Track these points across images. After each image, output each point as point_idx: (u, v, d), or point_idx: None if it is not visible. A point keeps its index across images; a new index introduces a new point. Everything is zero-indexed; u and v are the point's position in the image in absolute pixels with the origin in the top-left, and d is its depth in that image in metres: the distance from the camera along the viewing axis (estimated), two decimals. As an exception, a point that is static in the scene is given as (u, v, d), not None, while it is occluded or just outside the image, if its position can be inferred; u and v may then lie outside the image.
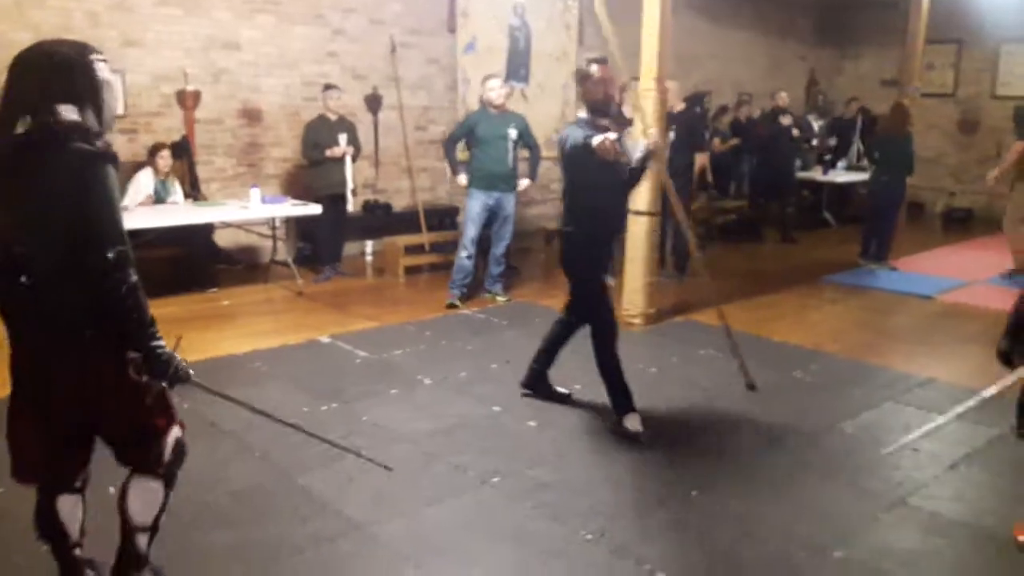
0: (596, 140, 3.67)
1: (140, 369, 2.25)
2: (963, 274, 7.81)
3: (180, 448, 2.47)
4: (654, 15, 5.56)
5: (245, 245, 7.40)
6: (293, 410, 4.16)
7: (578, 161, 3.84)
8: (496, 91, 6.23)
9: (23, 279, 2.13)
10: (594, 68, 3.92)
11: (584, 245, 4.01)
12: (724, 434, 4.09)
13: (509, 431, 4.02)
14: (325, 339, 5.39)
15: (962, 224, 11.02)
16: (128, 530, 2.44)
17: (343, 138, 6.95)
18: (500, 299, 6.49)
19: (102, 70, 2.22)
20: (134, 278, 2.14)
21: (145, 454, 2.40)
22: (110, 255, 2.09)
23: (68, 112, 2.13)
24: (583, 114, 3.97)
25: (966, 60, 11.60)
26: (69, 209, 2.08)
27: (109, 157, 2.15)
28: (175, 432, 2.46)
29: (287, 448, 3.74)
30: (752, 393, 4.61)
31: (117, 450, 2.41)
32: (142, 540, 2.46)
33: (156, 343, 2.23)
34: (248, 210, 6.43)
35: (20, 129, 2.11)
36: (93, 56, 2.21)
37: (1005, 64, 11.25)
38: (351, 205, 7.15)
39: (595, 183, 3.88)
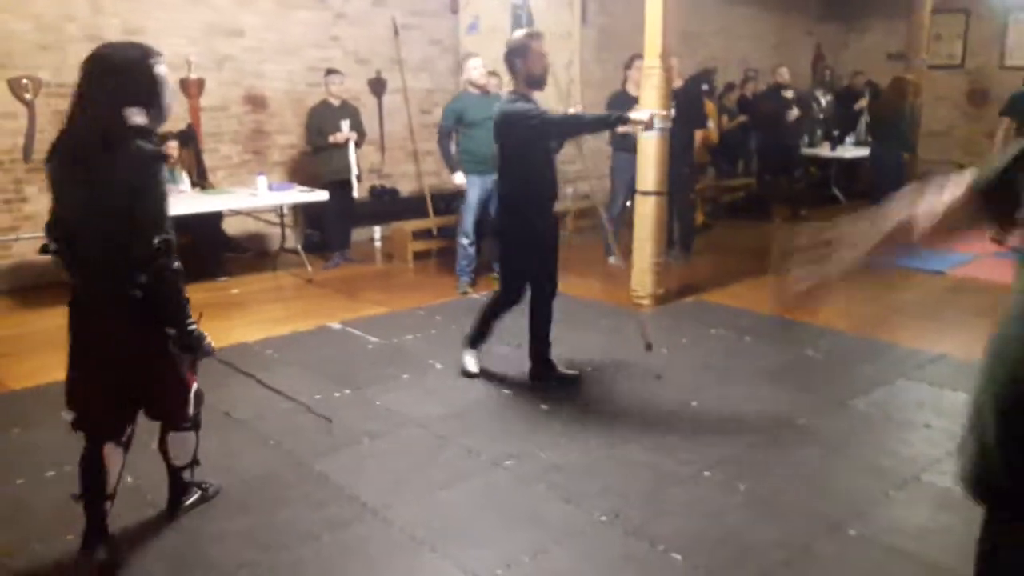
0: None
1: (175, 344, 2.61)
2: (973, 248, 7.76)
3: (200, 397, 2.93)
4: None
5: (253, 233, 7.41)
6: (306, 397, 4.19)
7: (510, 131, 4.08)
8: (478, 70, 6.16)
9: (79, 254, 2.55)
10: (533, 43, 4.11)
11: (516, 210, 4.21)
12: (736, 414, 4.09)
13: (520, 414, 4.03)
14: (336, 325, 5.41)
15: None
16: (174, 469, 3.02)
17: (346, 124, 6.92)
18: None
19: (161, 71, 2.57)
20: (176, 264, 2.50)
21: (177, 414, 2.86)
22: (156, 242, 2.43)
23: (134, 115, 2.48)
24: (511, 88, 4.25)
25: (974, 30, 11.46)
26: (125, 200, 2.43)
27: (162, 156, 2.59)
28: (194, 386, 2.89)
29: (301, 435, 3.78)
30: (763, 372, 4.61)
31: (153, 409, 2.83)
32: (187, 473, 3.05)
33: (189, 322, 2.60)
34: (256, 198, 6.44)
35: (90, 126, 2.45)
36: (154, 59, 2.55)
37: (1014, 34, 11.11)
38: (356, 191, 7.14)
39: (526, 152, 4.11)
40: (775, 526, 3.06)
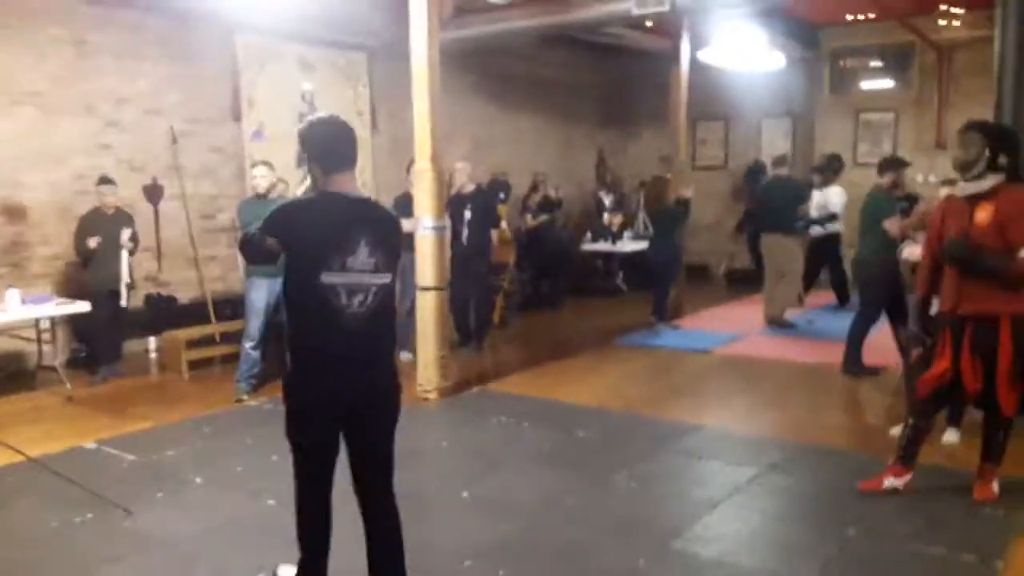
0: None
1: None
2: (738, 327, 8.45)
3: None
4: (424, 100, 5.76)
5: (9, 351, 6.78)
6: (43, 527, 3.80)
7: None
8: (258, 179, 6.17)
9: None
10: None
11: None
12: (505, 500, 4.11)
13: (281, 525, 3.81)
14: (90, 445, 4.98)
15: (743, 282, 11.90)
16: None
17: (126, 233, 6.62)
18: None
19: None
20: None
21: None
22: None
23: None
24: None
25: (733, 134, 12.81)
26: None
27: None
28: None
29: (33, 569, 3.39)
30: (535, 455, 4.69)
31: None
32: None
33: None
34: (4, 313, 5.92)
35: None
36: None
37: (767, 135, 12.51)
38: (125, 300, 6.74)
39: None
40: (526, 609, 3.05)
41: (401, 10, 6.09)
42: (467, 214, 7.38)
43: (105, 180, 6.77)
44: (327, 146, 2.75)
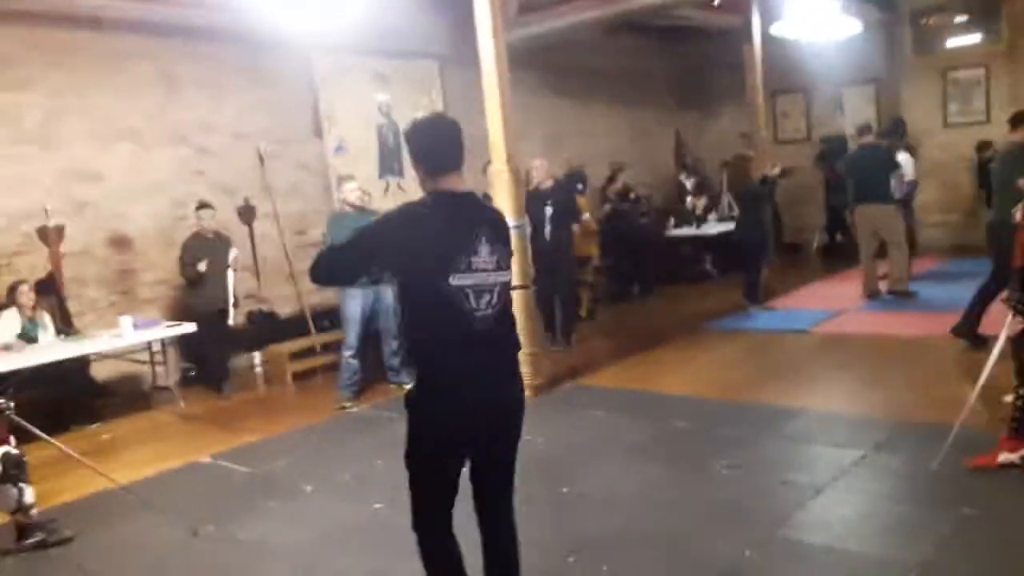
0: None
1: None
2: (835, 304, 8.20)
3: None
4: (495, 102, 5.82)
5: (126, 374, 7.19)
6: (165, 539, 4.04)
7: None
8: (354, 192, 6.38)
9: None
10: None
11: None
12: (604, 496, 4.13)
13: (389, 528, 3.96)
14: (206, 459, 5.25)
15: (838, 257, 11.53)
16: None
17: (233, 253, 7.00)
18: (408, 387, 6.43)
19: None
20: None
21: None
22: None
23: None
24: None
25: (814, 105, 12.42)
26: None
27: None
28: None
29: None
30: (633, 448, 4.69)
31: None
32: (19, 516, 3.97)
33: None
34: (120, 338, 6.29)
35: None
36: None
37: (850, 104, 12.08)
38: (232, 319, 7.08)
39: None
40: (633, 603, 3.07)
41: (467, 16, 6.17)
42: (547, 210, 7.41)
43: (204, 205, 7.11)
44: (432, 146, 2.58)
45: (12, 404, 4.00)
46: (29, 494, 3.95)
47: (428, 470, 2.56)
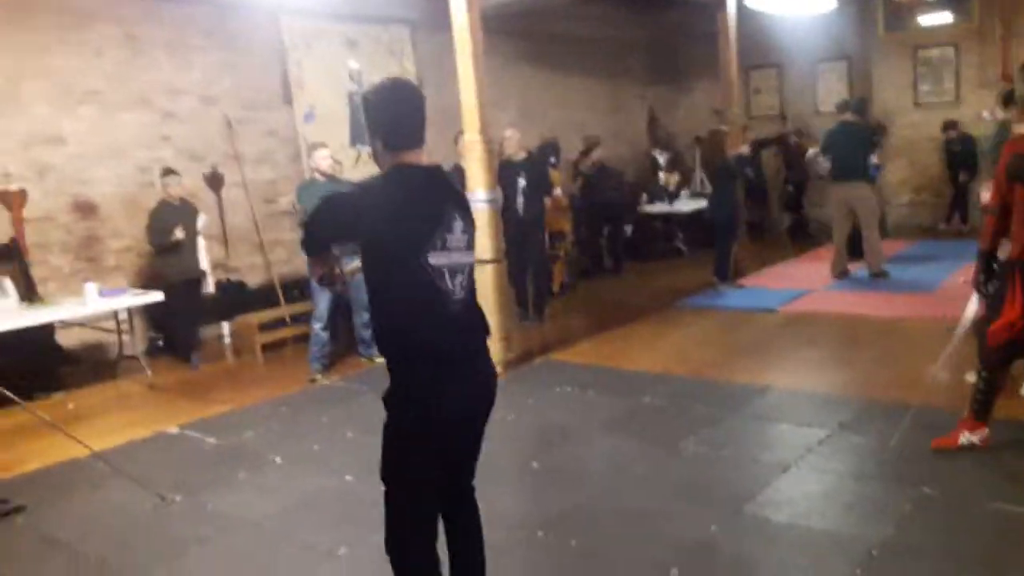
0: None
1: None
2: (804, 284, 8.29)
3: None
4: (468, 70, 5.75)
5: (92, 343, 7.07)
6: (136, 508, 4.01)
7: None
8: (326, 160, 6.30)
9: None
10: None
11: None
12: (574, 470, 4.16)
13: (359, 499, 3.96)
14: (173, 430, 5.21)
15: (809, 236, 11.64)
16: None
17: (202, 219, 6.91)
18: (379, 360, 6.41)
19: None
20: None
21: None
22: None
23: None
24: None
25: (788, 82, 12.45)
26: None
27: None
28: None
29: (127, 551, 3.61)
30: (603, 424, 4.73)
31: None
32: None
33: None
34: (85, 306, 6.17)
35: None
36: None
37: (822, 82, 12.13)
38: (210, 287, 7.00)
39: None
40: (602, 578, 3.11)
41: (440, -20, 6.07)
42: (520, 182, 7.35)
43: (169, 171, 6.97)
44: (396, 118, 2.35)
45: None
46: None
47: (418, 473, 2.36)
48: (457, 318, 2.35)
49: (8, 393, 4.04)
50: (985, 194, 5.04)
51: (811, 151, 9.38)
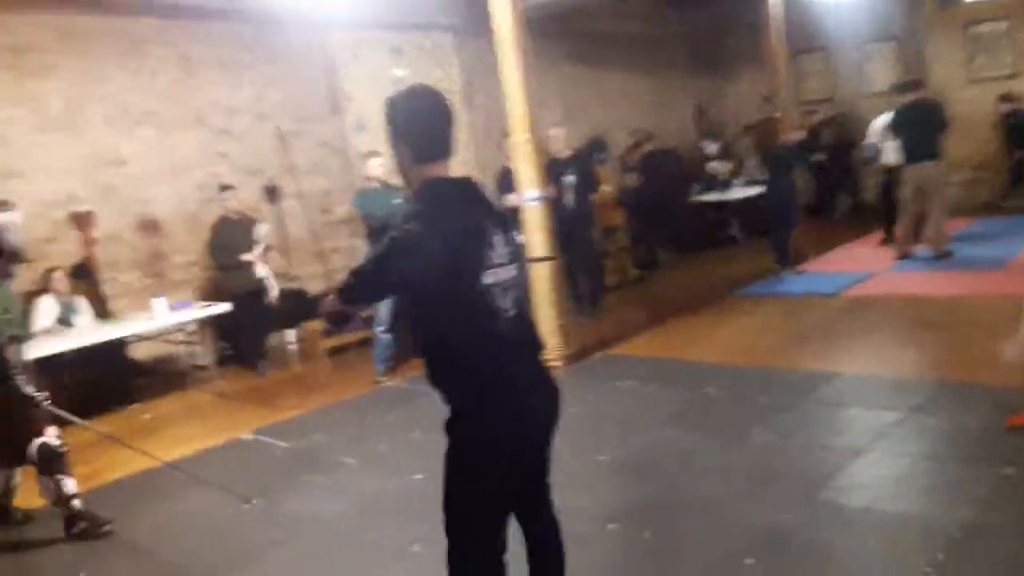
0: None
1: None
2: (867, 266, 8.13)
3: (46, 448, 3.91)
4: (513, 71, 5.78)
5: (163, 355, 7.30)
6: (213, 514, 4.13)
7: None
8: (374, 168, 6.44)
9: None
10: None
11: None
12: (640, 463, 4.16)
13: (428, 497, 3.99)
14: (247, 436, 5.35)
15: (869, 218, 11.38)
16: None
17: (262, 229, 7.10)
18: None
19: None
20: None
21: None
22: None
23: None
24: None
25: (836, 65, 12.21)
26: None
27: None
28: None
29: (204, 556, 3.74)
30: (667, 416, 4.71)
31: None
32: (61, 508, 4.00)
33: None
34: (155, 320, 6.38)
35: None
36: None
37: (873, 64, 11.86)
38: (272, 296, 7.18)
39: None
40: (682, 569, 3.11)
41: (480, -16, 6.12)
42: (567, 179, 7.36)
43: (225, 187, 7.18)
44: (426, 128, 2.22)
45: (47, 394, 4.02)
46: (70, 485, 3.98)
47: (489, 493, 2.25)
48: (514, 336, 2.25)
49: (67, 415, 4.24)
50: None
51: (869, 141, 9.16)
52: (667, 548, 3.27)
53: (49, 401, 3.98)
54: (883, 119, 8.84)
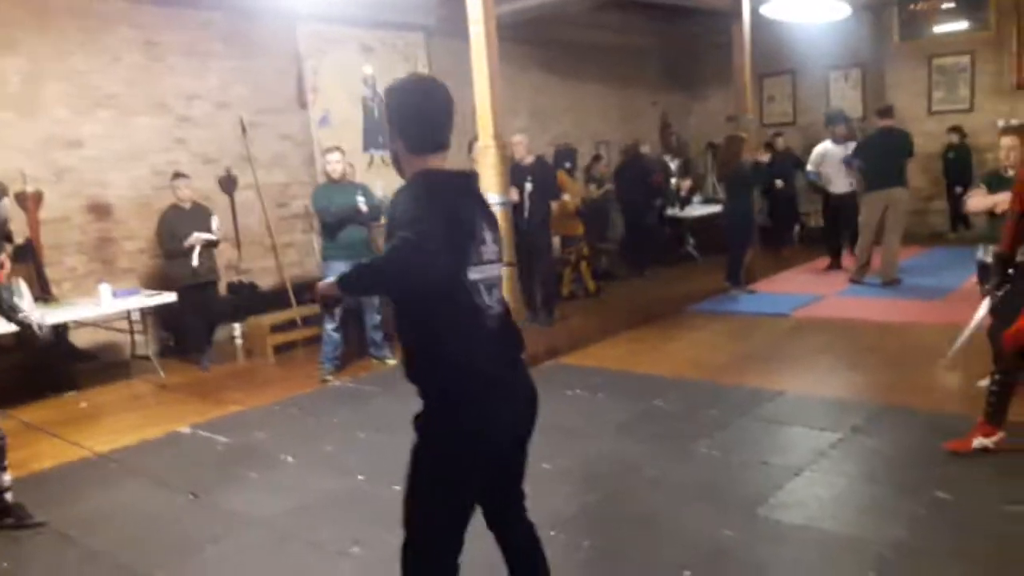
0: None
1: None
2: (817, 289, 8.27)
3: None
4: (484, 76, 5.78)
5: (105, 343, 7.13)
6: (148, 507, 4.03)
7: None
8: (332, 164, 6.36)
9: None
10: None
11: None
12: (586, 472, 4.16)
13: (371, 498, 3.97)
14: (186, 429, 5.23)
15: (820, 243, 11.59)
16: None
17: (215, 221, 6.92)
18: (390, 362, 6.47)
19: None
20: None
21: None
22: None
23: None
24: None
25: (800, 89, 12.45)
26: None
27: None
28: None
29: (139, 548, 3.63)
30: (614, 427, 4.72)
31: None
32: None
33: None
34: (99, 307, 6.22)
35: None
36: None
37: (835, 89, 12.12)
38: (222, 289, 7.06)
39: None
40: (614, 578, 3.11)
41: (454, -15, 6.12)
42: (527, 186, 7.36)
43: (178, 175, 7.02)
44: (426, 118, 2.18)
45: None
46: (5, 478, 3.85)
47: (459, 490, 2.21)
48: (496, 333, 2.23)
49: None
50: (973, 201, 4.98)
51: (809, 168, 9.39)
52: (606, 558, 3.27)
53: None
54: (821, 147, 9.08)
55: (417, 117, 2.18)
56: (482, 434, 2.19)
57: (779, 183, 9.88)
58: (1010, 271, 3.91)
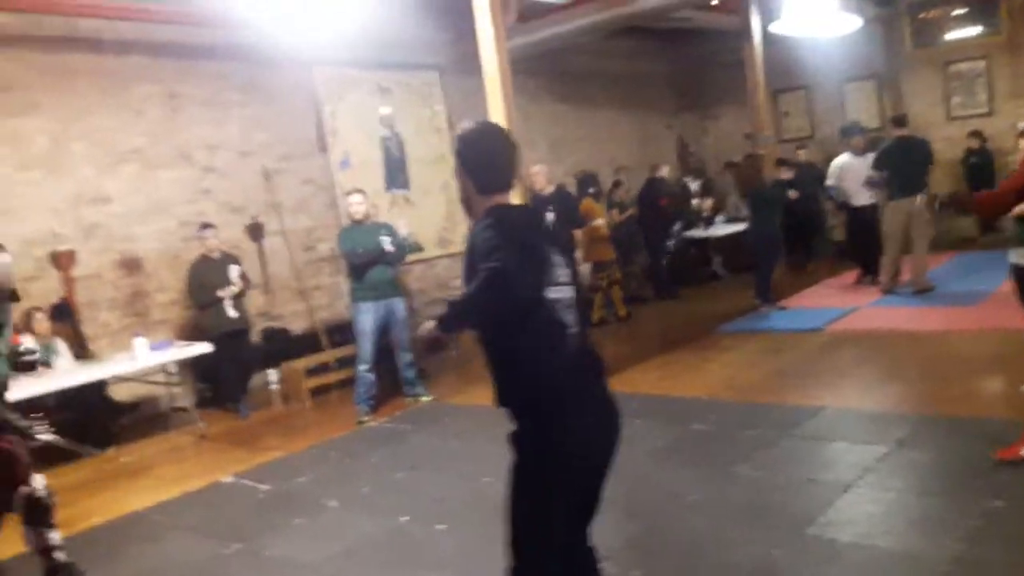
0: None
1: None
2: (849, 301, 8.19)
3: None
4: (499, 110, 5.85)
5: (144, 396, 7.20)
6: (195, 559, 4.04)
7: None
8: (354, 206, 6.44)
9: None
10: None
11: None
12: (627, 500, 4.11)
13: (414, 539, 3.96)
14: (227, 479, 5.26)
15: (848, 256, 11.46)
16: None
17: (235, 270, 6.97)
18: (424, 399, 6.51)
19: None
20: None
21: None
22: None
23: None
24: None
25: (816, 103, 12.43)
26: None
27: None
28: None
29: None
30: (653, 452, 4.68)
31: None
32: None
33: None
34: (136, 361, 6.30)
35: None
36: None
37: (850, 102, 12.08)
38: (252, 335, 7.13)
39: None
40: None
41: (466, 24, 6.21)
42: (549, 216, 7.40)
43: (206, 225, 7.13)
44: (492, 162, 2.38)
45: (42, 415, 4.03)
46: (54, 536, 3.76)
47: (559, 514, 2.33)
48: (578, 351, 2.35)
49: (64, 443, 4.17)
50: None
51: (829, 181, 9.32)
52: (656, 588, 3.22)
53: (47, 427, 3.82)
54: (840, 160, 9.02)
55: (485, 161, 2.38)
56: (573, 449, 2.28)
57: (792, 193, 9.81)
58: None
